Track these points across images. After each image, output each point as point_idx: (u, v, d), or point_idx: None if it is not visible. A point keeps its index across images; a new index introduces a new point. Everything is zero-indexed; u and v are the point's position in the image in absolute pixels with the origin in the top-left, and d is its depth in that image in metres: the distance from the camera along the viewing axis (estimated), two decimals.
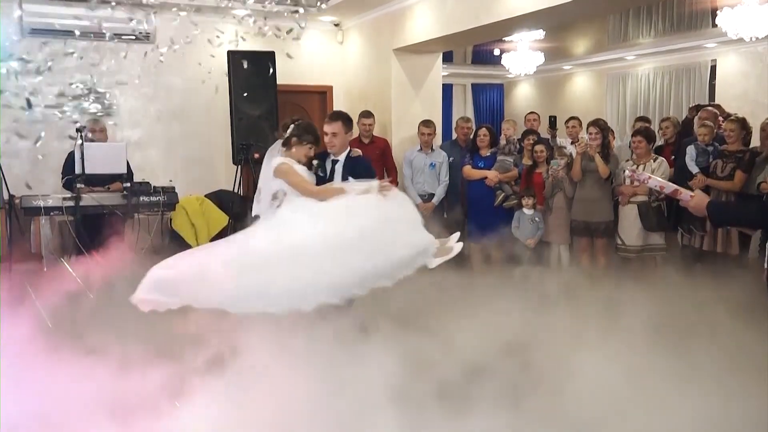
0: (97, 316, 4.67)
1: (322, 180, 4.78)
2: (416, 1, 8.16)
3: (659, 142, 7.31)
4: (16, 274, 5.94)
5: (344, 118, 4.92)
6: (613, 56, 12.17)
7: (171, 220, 7.51)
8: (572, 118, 7.89)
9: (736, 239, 6.09)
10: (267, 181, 4.59)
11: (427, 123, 7.73)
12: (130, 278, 4.04)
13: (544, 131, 8.44)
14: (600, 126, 6.70)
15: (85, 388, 3.54)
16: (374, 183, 4.40)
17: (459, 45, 11.63)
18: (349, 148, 4.97)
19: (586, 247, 6.66)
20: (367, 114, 7.94)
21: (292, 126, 4.66)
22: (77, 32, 6.90)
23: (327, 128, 4.86)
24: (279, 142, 4.69)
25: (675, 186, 3.57)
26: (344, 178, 4.76)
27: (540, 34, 11.00)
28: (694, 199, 3.43)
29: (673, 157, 6.92)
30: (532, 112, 8.61)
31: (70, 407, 3.40)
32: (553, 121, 8.39)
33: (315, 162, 4.76)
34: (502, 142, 7.86)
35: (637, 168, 6.25)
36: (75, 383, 3.57)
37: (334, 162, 4.89)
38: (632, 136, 6.72)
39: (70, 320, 4.56)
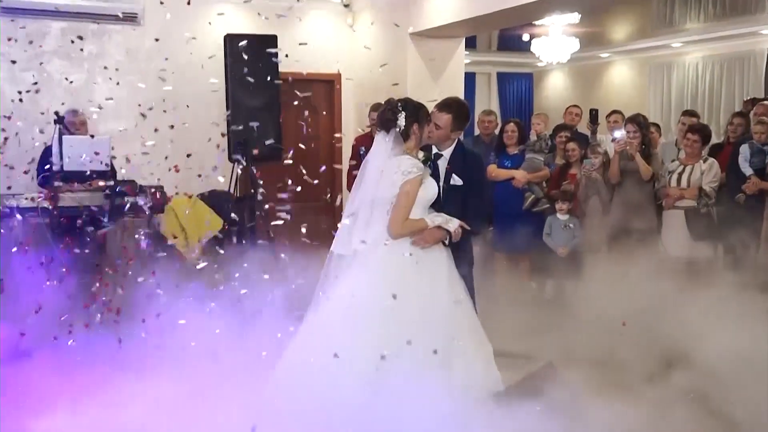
0: None
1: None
2: None
3: (716, 139, 7.33)
4: None
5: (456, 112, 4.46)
6: (657, 43, 12.11)
7: (159, 224, 7.39)
8: (614, 111, 7.96)
9: None
10: (378, 188, 4.01)
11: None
12: None
13: (583, 126, 8.38)
14: (639, 123, 6.69)
15: None
16: (455, 221, 4.08)
17: (484, 29, 11.75)
18: (455, 140, 4.52)
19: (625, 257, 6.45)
20: (377, 107, 7.72)
21: (399, 105, 4.02)
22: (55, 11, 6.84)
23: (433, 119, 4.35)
24: (393, 132, 4.01)
25: None
26: (448, 177, 4.37)
27: (575, 17, 10.96)
28: None
29: None
30: (574, 105, 8.60)
31: None
32: (594, 115, 8.27)
33: (422, 155, 4.20)
34: (532, 138, 7.86)
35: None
36: None
37: (437, 156, 4.46)
38: (687, 132, 6.68)
39: None
